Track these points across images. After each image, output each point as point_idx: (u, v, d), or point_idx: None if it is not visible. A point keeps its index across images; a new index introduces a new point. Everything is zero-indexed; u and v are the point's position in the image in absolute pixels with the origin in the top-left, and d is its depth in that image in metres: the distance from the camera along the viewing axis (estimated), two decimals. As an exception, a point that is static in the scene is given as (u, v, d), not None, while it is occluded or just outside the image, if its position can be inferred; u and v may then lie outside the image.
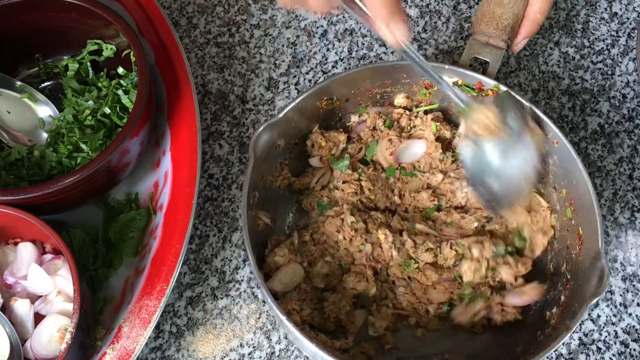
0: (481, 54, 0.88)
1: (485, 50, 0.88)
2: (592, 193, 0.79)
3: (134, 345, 0.79)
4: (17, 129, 0.90)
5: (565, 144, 0.81)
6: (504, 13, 0.87)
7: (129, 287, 0.83)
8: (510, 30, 0.87)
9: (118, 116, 0.87)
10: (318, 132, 0.88)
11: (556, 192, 0.85)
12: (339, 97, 0.87)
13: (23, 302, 0.80)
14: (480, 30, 0.88)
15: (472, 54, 0.88)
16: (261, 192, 0.84)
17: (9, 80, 0.91)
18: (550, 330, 0.78)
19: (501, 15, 0.87)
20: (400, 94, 0.90)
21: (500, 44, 0.87)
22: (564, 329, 0.74)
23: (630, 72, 1.01)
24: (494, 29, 0.87)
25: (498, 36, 0.87)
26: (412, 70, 0.86)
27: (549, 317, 0.81)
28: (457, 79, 0.86)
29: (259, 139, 0.80)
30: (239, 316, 0.88)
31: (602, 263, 0.75)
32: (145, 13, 0.93)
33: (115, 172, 0.83)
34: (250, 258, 0.76)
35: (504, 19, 0.87)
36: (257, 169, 0.81)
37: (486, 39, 0.88)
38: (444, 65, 0.84)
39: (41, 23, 0.88)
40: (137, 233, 0.86)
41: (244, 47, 1.02)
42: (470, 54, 0.88)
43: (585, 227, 0.80)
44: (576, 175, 0.81)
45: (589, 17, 1.04)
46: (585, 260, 0.79)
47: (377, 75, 0.87)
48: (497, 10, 0.87)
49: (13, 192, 0.77)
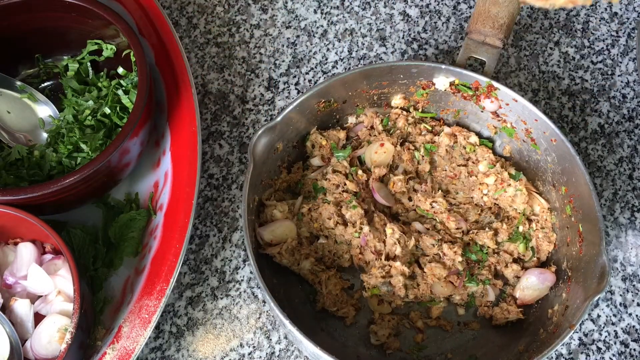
0: (477, 53, 0.88)
1: (482, 50, 0.88)
2: (592, 190, 0.79)
3: (134, 345, 0.79)
4: (17, 129, 0.90)
5: (564, 141, 0.81)
6: (500, 12, 0.87)
7: (129, 287, 0.83)
8: (506, 29, 0.87)
9: (118, 116, 0.87)
10: (317, 132, 0.89)
11: (555, 190, 0.85)
12: (336, 99, 0.88)
13: (23, 302, 0.80)
14: (476, 30, 0.88)
15: (469, 54, 0.88)
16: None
17: (9, 80, 0.91)
18: (553, 328, 0.78)
19: (497, 14, 0.87)
20: (397, 95, 0.90)
21: (497, 42, 0.87)
22: (566, 327, 0.75)
23: (630, 72, 1.00)
24: (490, 28, 0.87)
25: (494, 35, 0.87)
26: (409, 71, 0.86)
27: (551, 314, 0.81)
28: (454, 78, 0.86)
29: (257, 142, 0.80)
30: (239, 316, 0.88)
31: (603, 259, 0.75)
32: (145, 13, 0.92)
33: (115, 172, 0.83)
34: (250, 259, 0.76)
35: (500, 17, 0.87)
36: (256, 173, 0.81)
37: (482, 38, 0.88)
38: (441, 65, 0.85)
39: (41, 23, 0.88)
40: (137, 233, 0.86)
41: (244, 47, 1.02)
42: (467, 53, 0.88)
43: (585, 224, 0.80)
44: (575, 172, 0.81)
45: (589, 17, 1.04)
46: (586, 257, 0.79)
47: (374, 77, 0.87)
48: (492, 9, 0.87)
49: (13, 192, 0.77)
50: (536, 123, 0.84)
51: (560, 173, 0.84)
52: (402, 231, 0.85)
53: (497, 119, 0.89)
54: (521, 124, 0.86)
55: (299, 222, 0.86)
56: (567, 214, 0.84)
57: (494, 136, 0.92)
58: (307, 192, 0.89)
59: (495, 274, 0.87)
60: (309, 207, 0.86)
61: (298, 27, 1.03)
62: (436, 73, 0.86)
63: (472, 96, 0.87)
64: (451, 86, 0.87)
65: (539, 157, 0.87)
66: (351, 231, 0.85)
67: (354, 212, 0.85)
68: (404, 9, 1.05)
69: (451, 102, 0.90)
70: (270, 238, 0.84)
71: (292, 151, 0.89)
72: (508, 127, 0.89)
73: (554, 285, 0.84)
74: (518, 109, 0.85)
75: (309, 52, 1.01)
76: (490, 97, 0.86)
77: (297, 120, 0.86)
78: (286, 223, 0.84)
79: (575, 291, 0.79)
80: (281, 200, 0.87)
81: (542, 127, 0.84)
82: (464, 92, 0.87)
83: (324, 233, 0.86)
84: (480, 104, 0.88)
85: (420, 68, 0.86)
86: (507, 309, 0.84)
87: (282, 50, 1.02)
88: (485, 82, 0.84)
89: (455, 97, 0.89)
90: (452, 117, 0.92)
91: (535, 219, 0.88)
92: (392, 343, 0.84)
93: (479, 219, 0.89)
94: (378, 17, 1.04)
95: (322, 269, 0.85)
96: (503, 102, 0.86)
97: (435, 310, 0.86)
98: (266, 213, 0.85)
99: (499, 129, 0.90)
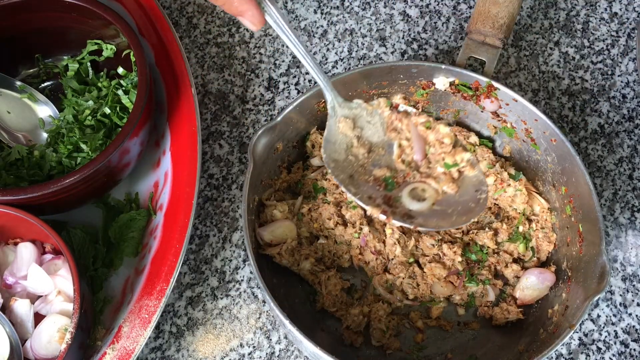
0: (477, 53, 0.88)
1: (482, 50, 0.88)
2: (592, 190, 0.79)
3: (134, 345, 0.79)
4: (17, 129, 0.90)
5: (564, 141, 0.81)
6: (500, 12, 0.87)
7: (129, 287, 0.83)
8: (506, 29, 0.87)
9: (118, 116, 0.87)
10: (317, 132, 0.89)
11: (555, 190, 0.85)
12: None
13: (23, 302, 0.80)
14: (476, 30, 0.88)
15: (469, 54, 0.88)
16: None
17: (9, 80, 0.91)
18: (553, 328, 0.78)
19: (497, 14, 0.87)
20: (397, 95, 0.90)
21: (497, 42, 0.87)
22: (566, 326, 0.75)
23: (630, 72, 1.00)
24: (490, 28, 0.87)
25: (494, 35, 0.87)
26: (408, 70, 0.86)
27: (551, 314, 0.81)
28: (454, 78, 0.86)
29: (257, 142, 0.80)
30: (239, 316, 0.88)
31: (603, 259, 0.75)
32: (145, 13, 0.92)
33: (115, 172, 0.83)
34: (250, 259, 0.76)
35: (500, 17, 0.87)
36: (256, 173, 0.81)
37: (482, 38, 0.88)
38: (441, 65, 0.85)
39: (41, 23, 0.88)
40: (137, 233, 0.86)
41: (244, 47, 1.02)
42: (467, 53, 0.88)
43: (585, 224, 0.80)
44: (575, 172, 0.81)
45: (589, 17, 1.04)
46: (586, 257, 0.79)
47: (374, 77, 0.87)
48: (492, 9, 0.87)
49: (13, 192, 0.77)
50: (536, 123, 0.84)
51: (560, 173, 0.84)
52: (402, 231, 0.85)
53: (497, 119, 0.89)
54: (521, 123, 0.87)
55: (299, 222, 0.86)
56: (567, 214, 0.84)
57: (494, 136, 0.92)
58: (307, 192, 0.89)
59: (495, 274, 0.87)
60: (309, 207, 0.86)
61: (298, 27, 1.03)
62: (436, 73, 0.86)
63: (472, 96, 0.87)
64: (451, 86, 0.87)
65: (539, 157, 0.87)
66: (351, 231, 0.85)
67: (354, 212, 0.85)
68: (404, 9, 1.05)
69: (451, 102, 0.90)
70: (270, 238, 0.84)
71: (292, 151, 0.89)
72: (508, 127, 0.89)
73: (553, 285, 0.84)
74: (518, 109, 0.85)
75: (309, 52, 1.01)
76: (490, 97, 0.86)
77: (297, 120, 0.85)
78: (286, 223, 0.84)
79: (575, 291, 0.79)
80: (281, 200, 0.87)
81: (542, 127, 0.84)
82: (464, 92, 0.87)
83: (323, 233, 0.86)
84: (480, 104, 0.88)
85: (420, 68, 0.86)
86: (507, 309, 0.84)
87: (282, 50, 1.02)
88: (485, 82, 0.84)
89: (455, 97, 0.89)
90: (452, 117, 0.92)
91: (535, 219, 0.88)
92: (392, 343, 0.84)
93: (478, 219, 0.89)
94: (378, 17, 1.04)
95: (322, 270, 0.85)
96: (503, 102, 0.86)
97: (435, 311, 0.86)
98: (266, 213, 0.85)
99: (499, 129, 0.90)
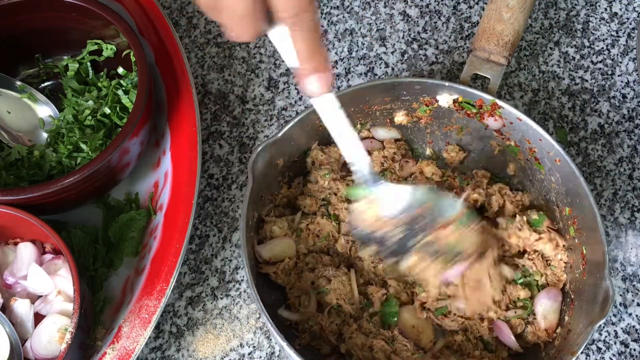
0: (481, 71, 0.87)
1: (486, 67, 0.87)
2: (596, 212, 0.77)
3: (134, 345, 0.79)
4: (17, 129, 0.90)
5: (568, 161, 0.80)
6: (505, 29, 0.86)
7: (129, 287, 0.83)
8: (511, 46, 0.86)
9: (118, 116, 0.87)
10: (318, 148, 0.88)
11: (559, 210, 0.84)
12: None
13: (23, 302, 0.80)
14: (480, 47, 0.87)
15: (473, 71, 0.87)
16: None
17: (9, 80, 0.91)
18: (555, 353, 0.77)
19: (502, 32, 0.86)
20: (400, 111, 0.89)
21: (501, 60, 0.86)
22: (568, 352, 0.73)
23: (630, 72, 1.01)
24: (494, 46, 0.86)
25: (499, 52, 0.86)
26: (412, 87, 0.85)
27: (554, 337, 0.80)
28: (458, 95, 0.85)
29: (257, 159, 0.78)
30: (239, 316, 0.88)
31: (607, 284, 0.73)
32: (145, 13, 0.92)
33: (115, 172, 0.83)
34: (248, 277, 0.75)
35: (505, 35, 0.86)
36: (255, 189, 0.79)
37: (487, 56, 0.87)
38: (444, 83, 0.84)
39: (41, 23, 0.88)
40: (137, 233, 0.86)
41: (244, 47, 1.02)
42: (471, 70, 0.87)
43: (589, 247, 0.79)
44: (579, 194, 0.79)
45: (589, 17, 1.04)
46: (589, 281, 0.78)
47: (377, 92, 0.85)
48: (497, 27, 0.86)
49: (13, 192, 0.77)
50: (540, 143, 0.82)
51: (564, 194, 0.82)
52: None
53: (500, 137, 0.88)
54: (525, 142, 0.85)
55: (298, 239, 0.85)
56: (571, 235, 0.82)
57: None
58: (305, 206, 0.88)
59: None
60: (308, 222, 0.86)
61: (298, 27, 1.03)
62: (440, 90, 0.84)
63: (475, 114, 0.86)
64: (455, 103, 0.86)
65: (542, 177, 0.85)
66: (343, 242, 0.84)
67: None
68: (404, 9, 1.05)
69: (454, 119, 0.89)
70: (269, 256, 0.83)
71: (292, 166, 0.88)
72: (512, 146, 0.87)
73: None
74: (522, 127, 0.83)
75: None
76: (494, 115, 0.85)
77: (298, 135, 0.84)
78: (285, 240, 0.83)
79: (577, 315, 0.78)
80: (281, 216, 0.86)
81: (546, 147, 0.82)
82: (467, 109, 0.86)
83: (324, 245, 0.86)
84: (484, 121, 0.87)
85: (423, 85, 0.85)
86: (534, 332, 0.82)
87: (282, 50, 1.02)
88: (490, 100, 0.83)
89: (458, 114, 0.88)
90: (455, 134, 0.91)
91: (549, 257, 0.85)
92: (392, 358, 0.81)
93: None
94: (378, 17, 1.04)
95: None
96: (507, 121, 0.84)
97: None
98: (265, 229, 0.84)
99: (503, 147, 0.89)
